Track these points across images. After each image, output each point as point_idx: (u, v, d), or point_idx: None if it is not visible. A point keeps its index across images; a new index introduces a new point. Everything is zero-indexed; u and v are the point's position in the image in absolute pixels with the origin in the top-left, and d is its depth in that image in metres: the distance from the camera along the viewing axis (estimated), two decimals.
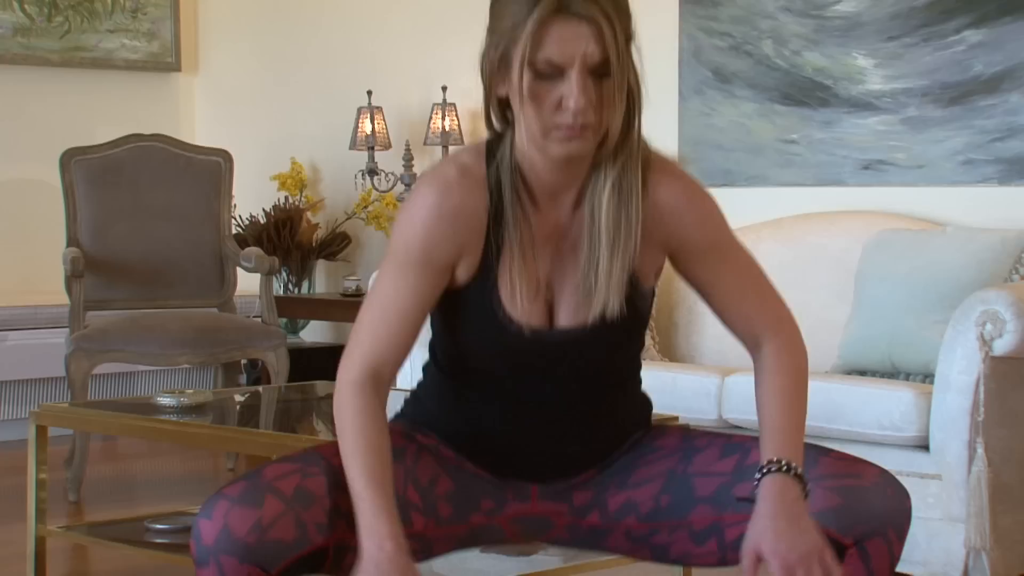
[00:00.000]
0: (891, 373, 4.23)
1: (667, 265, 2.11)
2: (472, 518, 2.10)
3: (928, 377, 4.09)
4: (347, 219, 6.51)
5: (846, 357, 4.34)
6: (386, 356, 1.98)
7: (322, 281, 6.77)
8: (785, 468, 1.97)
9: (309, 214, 6.55)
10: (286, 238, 6.36)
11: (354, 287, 6.12)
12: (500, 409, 2.07)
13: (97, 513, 4.53)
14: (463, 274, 2.01)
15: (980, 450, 3.66)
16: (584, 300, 1.99)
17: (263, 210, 6.49)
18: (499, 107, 1.99)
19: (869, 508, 1.99)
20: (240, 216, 6.42)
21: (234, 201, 5.69)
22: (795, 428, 2.04)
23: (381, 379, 1.98)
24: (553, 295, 2.02)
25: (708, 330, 4.80)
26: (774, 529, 1.92)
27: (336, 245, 6.53)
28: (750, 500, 1.98)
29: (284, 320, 6.41)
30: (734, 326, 2.09)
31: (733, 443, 2.11)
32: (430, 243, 1.96)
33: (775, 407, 2.05)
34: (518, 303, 1.99)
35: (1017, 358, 3.74)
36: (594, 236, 1.97)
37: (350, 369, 1.98)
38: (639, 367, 2.18)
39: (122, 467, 5.60)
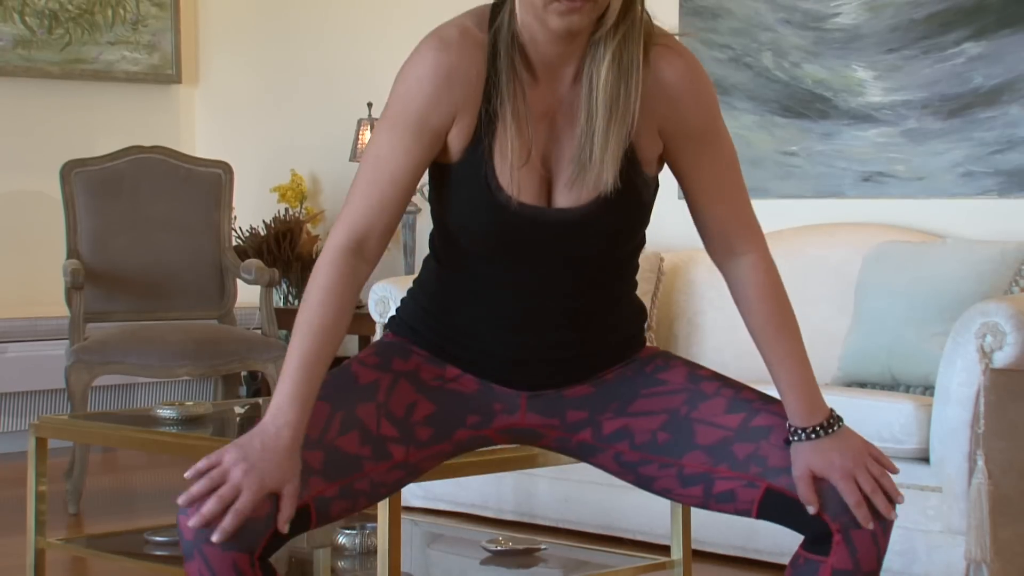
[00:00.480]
0: (891, 385, 4.23)
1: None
2: (457, 434, 2.09)
3: (928, 389, 4.09)
4: None
5: (846, 369, 4.34)
6: (373, 221, 1.97)
7: None
8: (814, 432, 2.01)
9: (309, 226, 6.55)
10: (286, 250, 6.36)
11: None
12: (492, 299, 2.06)
13: (97, 525, 4.53)
14: (456, 143, 1.99)
15: (980, 462, 3.66)
16: (580, 176, 1.97)
17: (263, 222, 6.50)
18: None
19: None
20: (240, 228, 6.42)
21: (234, 213, 5.69)
22: (805, 370, 2.06)
23: (366, 246, 1.98)
24: (550, 174, 2.01)
25: (708, 342, 4.79)
26: (818, 449, 2.00)
27: None
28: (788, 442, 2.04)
29: (284, 332, 6.40)
30: (708, 225, 2.07)
31: (741, 399, 2.10)
32: (425, 102, 1.96)
33: (778, 350, 2.08)
34: (509, 173, 1.97)
35: (1017, 370, 3.74)
36: (591, 108, 1.95)
37: (338, 233, 1.98)
38: (636, 269, 2.17)
39: (122, 479, 5.59)
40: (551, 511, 4.40)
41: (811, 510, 2.01)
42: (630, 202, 2.02)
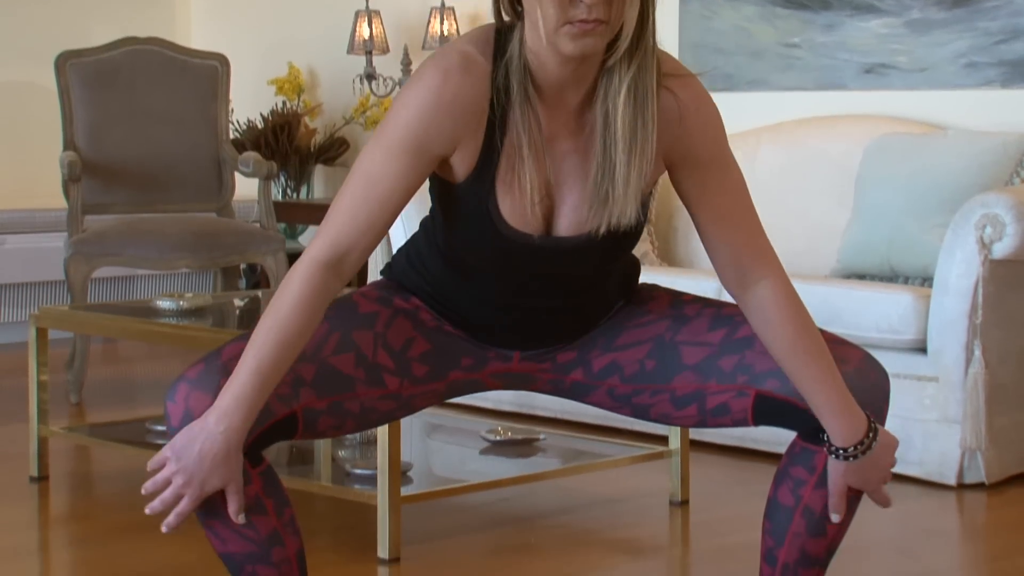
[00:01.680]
0: (890, 277, 4.24)
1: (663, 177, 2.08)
2: (451, 374, 2.11)
3: (927, 280, 4.10)
4: (345, 124, 6.49)
5: (845, 261, 4.34)
6: (357, 240, 1.94)
7: (320, 186, 6.75)
8: (853, 456, 2.03)
9: (307, 119, 6.52)
10: (284, 143, 6.33)
11: None
12: (487, 294, 2.06)
13: (98, 415, 4.56)
14: (459, 167, 1.96)
15: (977, 352, 3.68)
16: (596, 208, 1.94)
17: (260, 115, 6.46)
18: (508, 1, 1.94)
19: (851, 392, 2.03)
20: (237, 121, 6.39)
21: (231, 106, 5.66)
22: (839, 390, 2.02)
23: (345, 263, 1.94)
24: (553, 201, 1.98)
25: None
26: (857, 469, 2.04)
27: (334, 150, 6.50)
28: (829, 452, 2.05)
29: (283, 225, 6.40)
30: (720, 254, 2.04)
31: (723, 315, 2.11)
32: (424, 130, 1.91)
33: (808, 374, 2.01)
34: (517, 209, 1.95)
35: (1016, 261, 3.74)
36: (608, 141, 1.91)
37: (319, 246, 1.93)
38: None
39: (122, 370, 5.62)
40: (550, 402, 4.43)
41: (835, 519, 2.07)
42: (635, 227, 1.99)
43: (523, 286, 2.03)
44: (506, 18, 1.95)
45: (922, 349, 3.80)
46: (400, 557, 3.02)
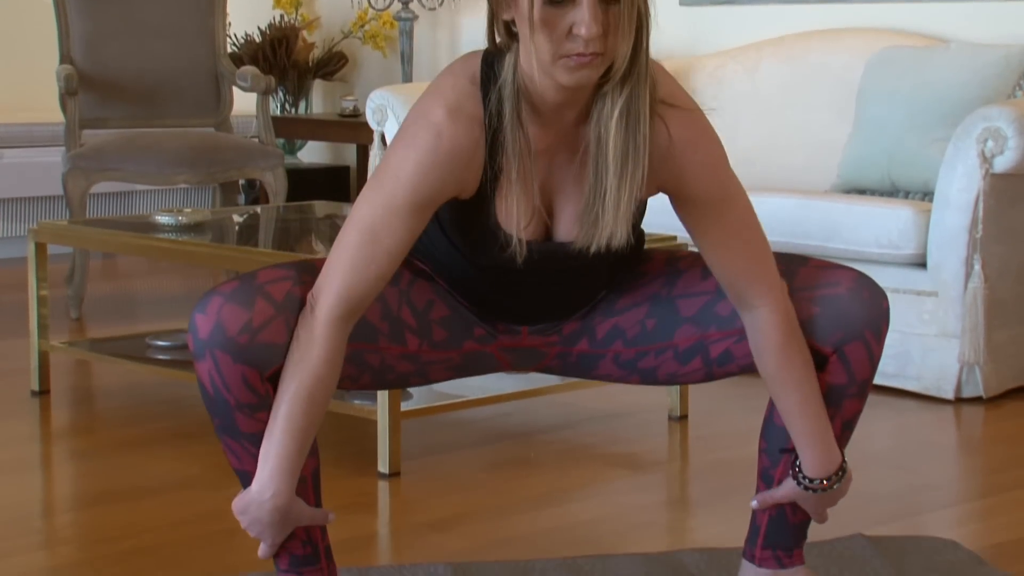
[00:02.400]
0: (890, 191, 4.22)
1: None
2: (466, 344, 2.13)
3: (927, 195, 4.09)
4: (344, 38, 6.43)
5: (845, 176, 4.33)
6: (368, 292, 1.94)
7: (319, 101, 6.72)
8: (820, 489, 2.11)
9: (305, 33, 6.47)
10: (282, 57, 6.29)
11: (351, 107, 6.07)
12: (492, 283, 2.07)
13: (98, 330, 4.57)
14: (460, 195, 1.96)
15: (977, 267, 3.68)
16: (587, 229, 1.94)
17: (258, 28, 6.41)
18: (503, 26, 1.92)
19: (846, 314, 2.05)
20: (235, 35, 6.34)
21: (228, 19, 5.61)
22: (818, 421, 2.08)
23: (358, 312, 1.96)
24: (550, 206, 1.99)
25: None
26: (815, 498, 2.14)
27: (333, 65, 6.46)
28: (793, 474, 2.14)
29: (281, 140, 6.37)
30: (720, 276, 2.05)
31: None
32: (428, 188, 1.90)
33: (790, 401, 2.07)
34: (514, 221, 1.95)
35: (1017, 175, 3.73)
36: (600, 165, 1.91)
37: (332, 304, 1.93)
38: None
39: (122, 285, 5.63)
40: None
41: (753, 505, 2.19)
42: (625, 244, 1.98)
43: (525, 278, 2.03)
44: (499, 39, 1.92)
45: (922, 264, 3.80)
46: (400, 471, 3.04)
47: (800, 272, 2.07)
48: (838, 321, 2.04)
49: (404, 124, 1.93)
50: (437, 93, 1.93)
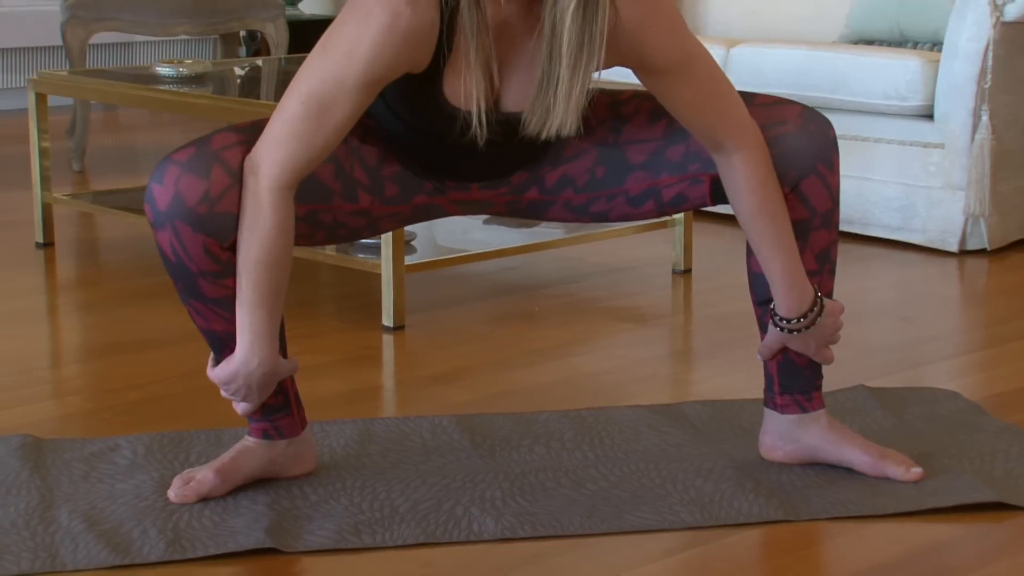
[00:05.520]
0: (899, 42, 4.18)
1: None
2: (416, 199, 2.13)
3: (936, 45, 4.04)
4: None
5: (854, 26, 4.28)
6: (313, 160, 1.92)
7: None
8: (795, 329, 2.12)
9: None
10: None
11: None
12: (439, 152, 2.05)
13: (101, 182, 4.56)
14: (411, 71, 1.93)
15: (985, 117, 3.65)
16: (538, 116, 1.90)
17: None
18: None
19: (797, 151, 2.07)
20: None
21: None
22: (791, 261, 2.09)
23: (300, 180, 1.94)
24: (499, 76, 1.94)
25: (713, 1, 4.72)
26: (797, 336, 2.15)
27: None
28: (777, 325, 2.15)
29: None
30: (693, 130, 2.03)
31: (660, 107, 2.11)
32: (383, 65, 1.86)
33: (765, 242, 2.08)
34: (473, 100, 1.92)
35: None
36: (554, 53, 1.86)
37: (278, 173, 1.90)
38: None
39: (124, 138, 5.60)
40: None
41: (759, 358, 2.21)
42: (575, 132, 1.95)
43: (472, 144, 1.99)
44: None
45: (929, 116, 3.76)
46: (404, 325, 3.05)
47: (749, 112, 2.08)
48: (791, 159, 2.07)
49: (363, 5, 1.86)
50: None
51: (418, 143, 2.05)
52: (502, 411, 2.51)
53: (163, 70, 3.78)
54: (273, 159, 1.91)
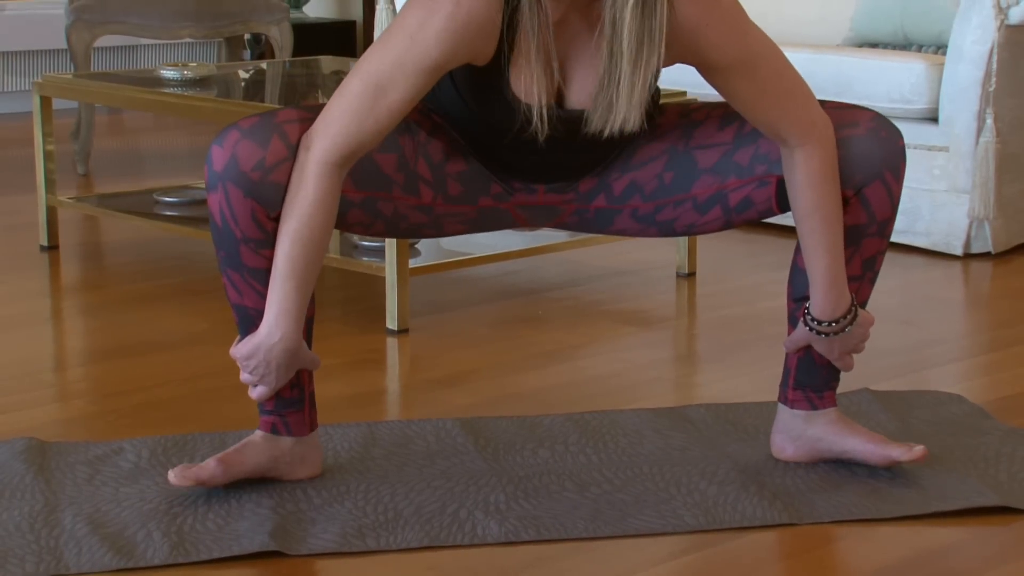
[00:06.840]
0: (903, 45, 4.18)
1: None
2: (481, 200, 2.14)
3: (941, 48, 4.04)
4: None
5: (858, 28, 4.28)
6: (364, 143, 1.95)
7: None
8: (825, 333, 2.13)
9: None
10: None
11: None
12: (507, 146, 2.06)
13: (106, 185, 4.57)
14: (473, 62, 1.95)
15: (989, 120, 3.65)
16: (600, 114, 1.93)
17: None
18: None
19: (866, 156, 2.07)
20: None
21: None
22: (835, 265, 2.09)
23: (353, 160, 1.97)
24: (565, 75, 1.98)
25: None
26: (825, 340, 2.15)
27: None
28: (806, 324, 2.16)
29: None
30: (759, 126, 2.05)
31: (731, 112, 2.14)
32: (444, 54, 1.89)
33: (814, 240, 2.07)
34: (535, 96, 1.94)
35: None
36: (615, 49, 1.89)
37: (327, 148, 1.94)
38: None
39: (128, 141, 5.61)
40: None
41: (785, 349, 2.22)
42: (639, 128, 1.97)
43: (533, 140, 2.01)
44: None
45: (933, 119, 3.76)
46: (408, 328, 3.06)
47: None
48: (858, 163, 2.07)
49: None
50: None
51: (482, 132, 2.05)
52: (506, 414, 2.51)
53: (167, 73, 3.78)
54: (326, 133, 1.94)
